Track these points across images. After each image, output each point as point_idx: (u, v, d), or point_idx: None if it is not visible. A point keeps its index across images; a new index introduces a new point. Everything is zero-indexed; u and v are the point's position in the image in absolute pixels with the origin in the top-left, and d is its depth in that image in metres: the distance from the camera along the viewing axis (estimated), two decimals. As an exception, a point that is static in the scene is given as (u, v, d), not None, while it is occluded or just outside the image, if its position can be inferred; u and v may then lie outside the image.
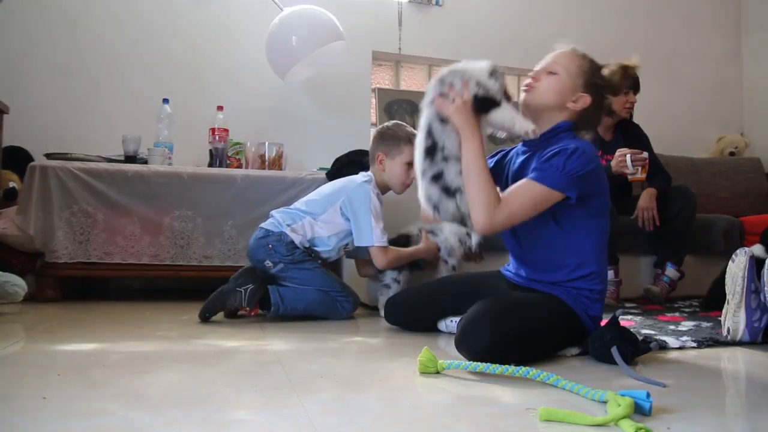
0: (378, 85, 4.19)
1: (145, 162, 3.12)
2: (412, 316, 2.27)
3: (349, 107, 4.04)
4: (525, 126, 1.81)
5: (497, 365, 1.50)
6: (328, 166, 3.17)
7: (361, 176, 2.62)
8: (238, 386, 1.42)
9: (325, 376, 1.54)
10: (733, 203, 4.22)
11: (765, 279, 1.92)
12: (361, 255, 2.67)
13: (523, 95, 1.93)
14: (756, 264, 2.01)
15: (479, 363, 1.53)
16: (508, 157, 2.07)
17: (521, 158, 1.97)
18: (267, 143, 3.46)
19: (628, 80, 3.16)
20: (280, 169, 3.42)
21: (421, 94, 4.08)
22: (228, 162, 3.40)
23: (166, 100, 3.36)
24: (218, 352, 1.85)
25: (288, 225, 2.53)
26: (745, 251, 2.03)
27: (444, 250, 2.54)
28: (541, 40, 4.51)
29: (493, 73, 1.86)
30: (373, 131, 3.99)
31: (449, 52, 4.30)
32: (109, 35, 3.64)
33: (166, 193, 2.96)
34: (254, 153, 3.46)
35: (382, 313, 2.41)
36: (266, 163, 3.43)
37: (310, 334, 2.19)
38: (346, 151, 3.15)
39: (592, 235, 1.86)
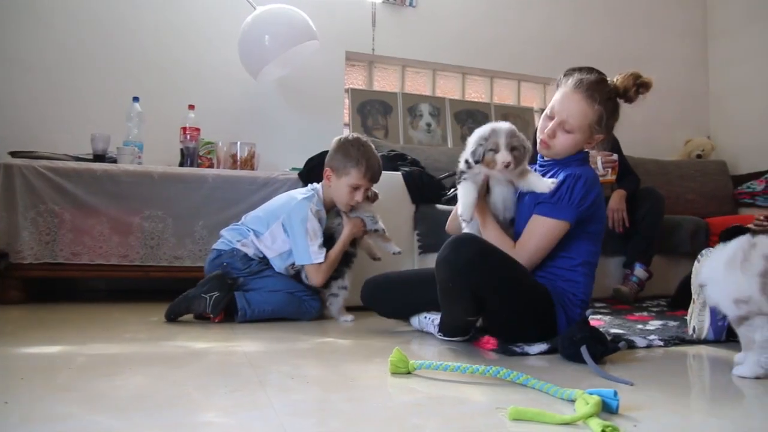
0: (351, 86, 4.18)
1: (115, 161, 3.07)
2: (388, 301, 2.30)
3: (322, 107, 4.03)
4: (543, 186, 1.90)
5: (468, 365, 1.51)
6: (301, 166, 3.15)
7: (302, 192, 2.60)
8: (207, 388, 1.40)
9: (296, 377, 1.53)
10: (699, 205, 4.31)
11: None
12: None
13: (540, 149, 2.01)
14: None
15: (450, 363, 1.53)
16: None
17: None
18: (239, 143, 3.42)
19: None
20: (252, 169, 3.39)
21: (393, 95, 4.15)
22: (199, 161, 3.36)
23: (136, 99, 3.30)
24: (188, 353, 1.82)
25: (238, 240, 2.56)
26: (710, 252, 2.07)
27: (368, 221, 2.58)
28: (513, 43, 4.58)
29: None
30: (346, 130, 4.01)
31: (423, 54, 4.33)
32: (77, 32, 3.57)
33: (136, 192, 2.91)
34: (226, 153, 3.43)
35: (340, 319, 2.49)
36: (238, 162, 3.40)
37: (280, 335, 2.17)
38: (318, 152, 3.12)
39: (584, 254, 1.94)
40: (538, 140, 2.01)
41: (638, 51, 4.94)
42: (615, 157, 3.09)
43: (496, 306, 1.80)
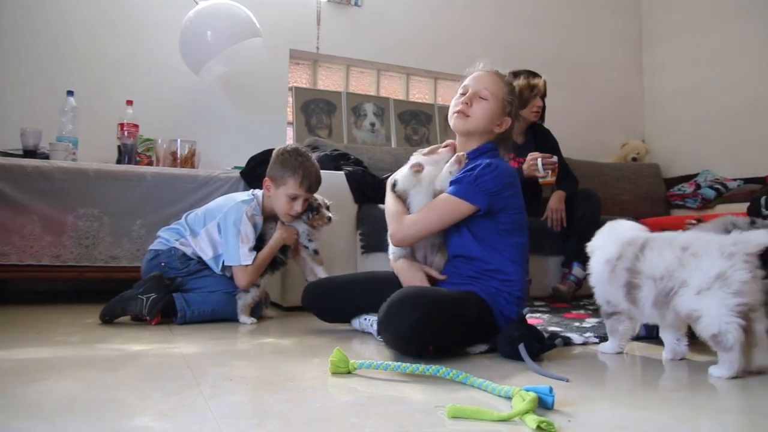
0: (295, 84, 4.15)
1: (47, 157, 2.95)
2: (328, 305, 2.27)
3: (266, 105, 3.98)
4: (444, 183, 1.96)
5: (408, 364, 1.52)
6: (243, 164, 3.10)
7: (242, 195, 2.57)
8: (142, 391, 1.36)
9: (235, 378, 1.50)
10: (634, 206, 4.45)
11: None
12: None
13: (455, 120, 2.04)
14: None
15: (390, 362, 1.54)
16: None
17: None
18: (179, 140, 3.35)
19: (535, 91, 3.30)
20: (193, 167, 3.33)
21: (338, 94, 4.14)
22: (138, 159, 3.27)
23: (70, 93, 3.19)
24: (123, 356, 1.77)
25: (176, 240, 2.51)
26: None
27: (303, 235, 2.57)
28: (457, 46, 4.64)
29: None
30: (289, 129, 3.97)
31: (367, 54, 4.34)
32: (5, 20, 3.41)
33: (70, 190, 2.81)
34: (166, 150, 3.35)
35: (241, 319, 2.45)
36: (178, 160, 3.33)
37: (219, 336, 2.14)
38: (261, 150, 3.09)
39: (509, 248, 1.94)
40: (451, 117, 2.06)
41: (577, 56, 5.08)
42: (555, 159, 3.17)
43: (444, 340, 1.79)
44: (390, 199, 2.06)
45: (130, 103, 3.28)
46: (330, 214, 2.58)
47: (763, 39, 4.35)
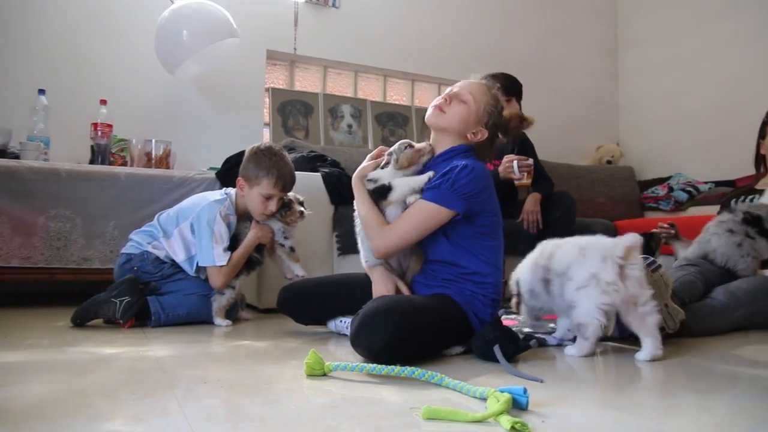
0: (272, 85, 4.13)
1: (17, 157, 2.90)
2: (304, 307, 2.25)
3: (242, 106, 3.95)
4: (420, 182, 1.94)
5: (383, 366, 1.52)
6: (219, 165, 3.08)
7: (215, 194, 2.54)
8: (114, 395, 1.34)
9: (209, 381, 1.49)
10: (609, 208, 4.51)
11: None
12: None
13: (430, 113, 2.03)
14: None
15: (366, 364, 1.54)
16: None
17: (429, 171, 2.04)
18: (154, 141, 3.32)
19: (511, 87, 3.33)
20: (168, 167, 3.29)
21: (315, 96, 4.12)
22: (111, 159, 3.23)
23: (42, 91, 3.13)
24: (95, 359, 1.74)
25: (149, 243, 2.48)
26: (617, 253, 2.17)
27: (278, 233, 2.55)
28: (434, 48, 4.65)
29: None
30: (266, 130, 3.95)
31: (345, 55, 4.33)
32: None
33: (41, 190, 2.75)
34: (140, 150, 3.31)
35: (216, 321, 2.43)
36: (153, 161, 3.29)
37: (194, 339, 2.11)
38: (237, 151, 3.06)
39: (485, 251, 1.94)
40: (429, 110, 2.04)
41: (553, 60, 5.13)
42: (531, 161, 3.19)
43: (418, 351, 1.77)
44: (367, 206, 1.99)
45: (103, 102, 3.24)
46: (302, 209, 2.56)
47: (734, 45, 4.44)
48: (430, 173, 1.93)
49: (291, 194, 2.58)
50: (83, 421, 1.15)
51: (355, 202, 2.05)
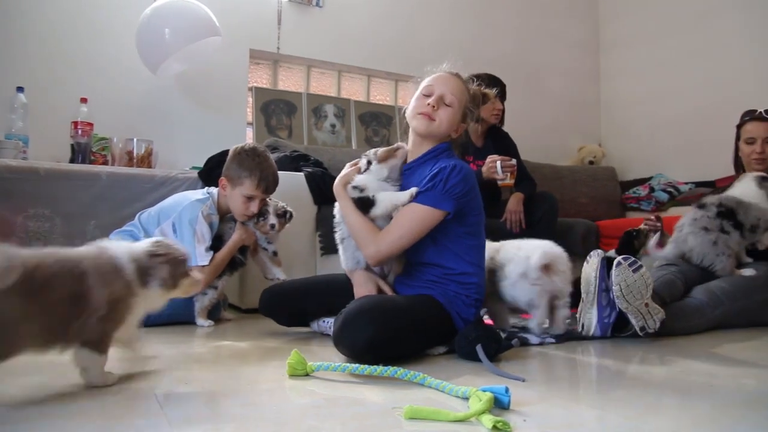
0: (255, 84, 4.11)
1: (-5, 155, 2.86)
2: (286, 310, 2.24)
3: (225, 105, 3.93)
4: (403, 199, 1.92)
5: (366, 366, 1.52)
6: (201, 165, 3.06)
7: (197, 194, 2.53)
8: (94, 397, 1.33)
9: (191, 382, 1.48)
10: (590, 208, 4.54)
11: (613, 278, 2.07)
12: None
13: (419, 122, 1.99)
14: (607, 264, 2.17)
15: (348, 364, 1.54)
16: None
17: (413, 173, 2.03)
18: (135, 139, 3.28)
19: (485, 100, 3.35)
20: (150, 167, 3.26)
21: (298, 95, 4.11)
22: (92, 158, 3.19)
23: (20, 89, 3.09)
24: (73, 360, 1.72)
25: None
26: (598, 253, 2.19)
27: (261, 237, 2.55)
28: (417, 48, 4.65)
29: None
30: (249, 130, 3.93)
31: (328, 54, 4.32)
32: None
33: (19, 189, 2.71)
34: (121, 149, 3.28)
35: (198, 321, 2.42)
36: (134, 160, 3.26)
37: (176, 340, 2.10)
38: (219, 151, 3.05)
39: (469, 251, 1.95)
40: (414, 117, 2.01)
41: (536, 61, 5.16)
42: (514, 161, 3.21)
43: (400, 351, 1.77)
44: (354, 212, 1.97)
45: (84, 100, 3.20)
46: (274, 222, 2.52)
47: (714, 48, 4.49)
48: (413, 189, 1.91)
49: (273, 203, 2.56)
50: (63, 422, 1.14)
51: (339, 210, 2.04)
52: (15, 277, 1.21)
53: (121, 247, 1.48)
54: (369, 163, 2.03)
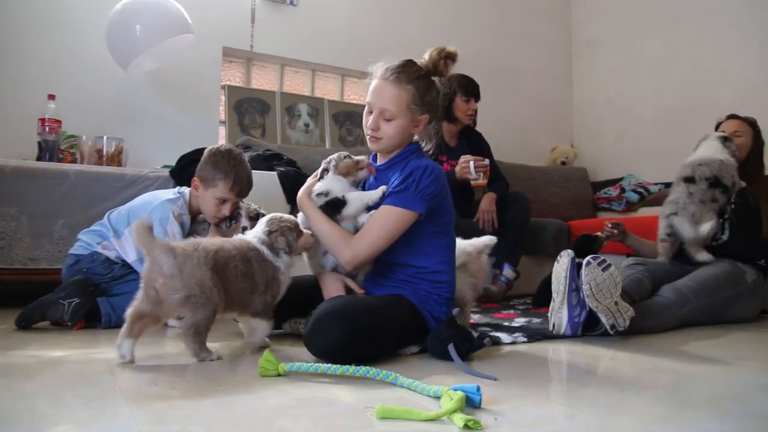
0: (228, 82, 4.07)
1: (-41, 153, 2.79)
2: None
3: (197, 103, 3.89)
4: (374, 198, 1.93)
5: (338, 366, 1.51)
6: (173, 163, 3.02)
7: (168, 193, 2.48)
8: (60, 400, 1.30)
9: (161, 384, 1.46)
10: (563, 208, 4.59)
11: (583, 278, 2.10)
12: None
13: (370, 144, 1.99)
14: (577, 264, 2.19)
15: (320, 364, 1.53)
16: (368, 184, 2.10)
17: (382, 174, 2.03)
18: (105, 137, 3.24)
19: (470, 88, 3.37)
20: (120, 165, 3.22)
21: (272, 94, 4.09)
22: (61, 156, 3.14)
23: (-14, 86, 3.03)
24: (41, 363, 1.69)
25: (98, 243, 2.42)
26: (568, 253, 2.21)
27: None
28: (392, 47, 4.63)
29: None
30: (222, 128, 3.89)
31: (302, 53, 4.31)
32: None
33: (-16, 188, 2.66)
34: (91, 147, 3.23)
35: (169, 322, 2.34)
36: (104, 158, 3.21)
37: (147, 340, 2.05)
38: (192, 149, 3.02)
39: (440, 250, 1.95)
40: (367, 138, 2.01)
41: (510, 62, 5.20)
42: (487, 162, 3.23)
43: (372, 352, 1.76)
44: (324, 221, 1.94)
45: (52, 97, 3.14)
46: (246, 224, 2.48)
47: (683, 52, 4.58)
48: (383, 187, 1.92)
49: (246, 205, 2.53)
50: (27, 427, 1.12)
51: (307, 221, 2.00)
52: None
53: (248, 236, 1.90)
54: (326, 171, 2.02)
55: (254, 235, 1.88)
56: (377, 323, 1.75)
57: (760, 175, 2.92)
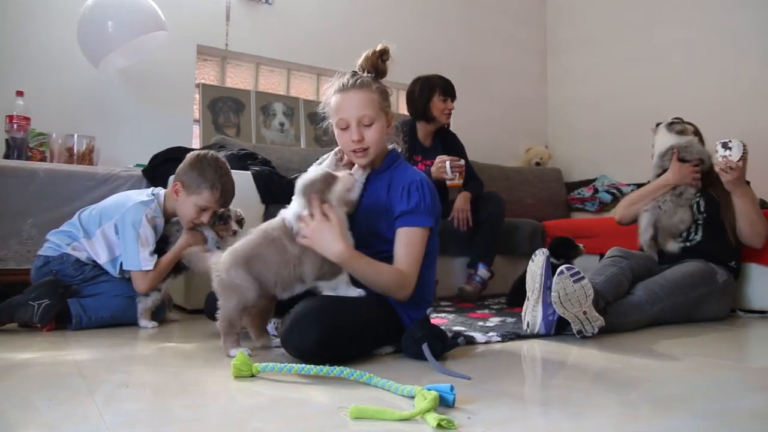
0: (202, 81, 4.03)
1: (-76, 151, 2.73)
2: None
3: (171, 102, 3.83)
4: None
5: (312, 366, 1.51)
6: (145, 162, 2.98)
7: (141, 195, 2.43)
8: (27, 403, 1.28)
9: (131, 385, 1.44)
10: (537, 209, 4.63)
11: (553, 285, 2.12)
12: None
13: (359, 159, 1.94)
14: (552, 263, 2.21)
15: (294, 365, 1.52)
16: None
17: (370, 185, 1.99)
18: (76, 135, 3.18)
19: (447, 88, 3.38)
20: (91, 164, 3.17)
21: (246, 93, 4.06)
22: (29, 154, 3.07)
23: (-48, 82, 2.96)
24: (8, 365, 1.66)
25: (68, 244, 2.36)
26: (543, 251, 2.23)
27: (211, 242, 2.49)
28: (367, 47, 4.62)
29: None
30: (195, 127, 3.85)
31: (278, 52, 4.28)
32: None
33: (-50, 186, 2.60)
34: (61, 145, 3.17)
35: (141, 323, 2.36)
36: (75, 157, 3.16)
37: (118, 342, 2.04)
38: (165, 148, 2.98)
39: (426, 255, 1.93)
40: (350, 155, 1.96)
41: (485, 62, 5.23)
42: (462, 162, 3.25)
43: (348, 353, 1.76)
44: (370, 272, 1.80)
45: (20, 93, 3.08)
46: (236, 228, 2.48)
47: (655, 54, 4.65)
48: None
49: (233, 209, 2.51)
50: (-7, 430, 1.10)
51: (353, 278, 1.85)
52: None
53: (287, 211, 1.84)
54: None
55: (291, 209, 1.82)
56: (355, 323, 1.75)
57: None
